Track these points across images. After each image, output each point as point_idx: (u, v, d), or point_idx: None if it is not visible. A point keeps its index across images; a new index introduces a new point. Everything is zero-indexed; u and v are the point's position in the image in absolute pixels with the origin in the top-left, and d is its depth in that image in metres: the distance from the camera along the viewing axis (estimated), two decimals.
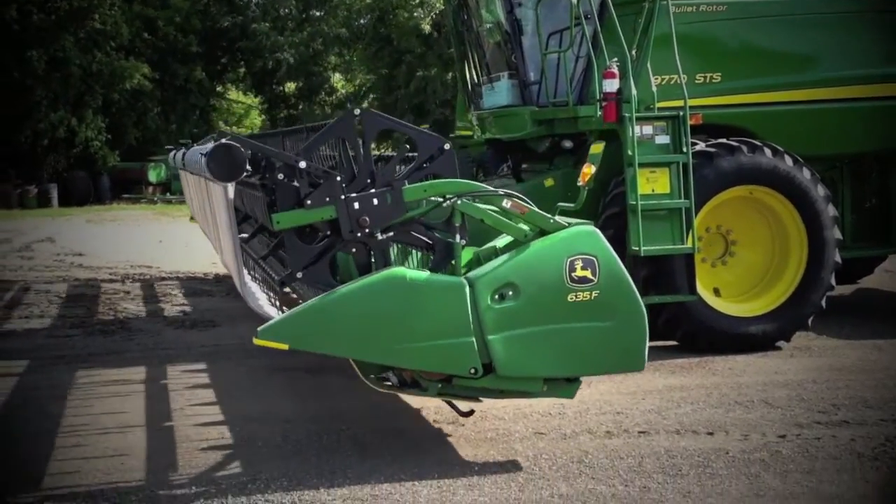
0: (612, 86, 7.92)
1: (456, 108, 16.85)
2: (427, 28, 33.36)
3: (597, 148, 7.70)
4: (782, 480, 4.94)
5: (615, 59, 7.99)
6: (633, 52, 8.05)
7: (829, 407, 6.31)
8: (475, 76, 10.24)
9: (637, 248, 7.67)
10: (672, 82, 8.04)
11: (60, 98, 31.53)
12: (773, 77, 8.63)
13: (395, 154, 6.04)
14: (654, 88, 7.95)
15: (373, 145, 5.56)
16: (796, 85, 8.66)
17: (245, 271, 5.43)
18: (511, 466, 5.17)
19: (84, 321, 9.90)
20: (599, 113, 8.06)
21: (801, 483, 4.90)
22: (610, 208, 8.14)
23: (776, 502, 4.64)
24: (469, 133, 11.90)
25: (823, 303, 8.26)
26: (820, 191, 8.19)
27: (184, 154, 7.95)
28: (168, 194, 31.46)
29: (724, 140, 8.17)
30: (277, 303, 5.72)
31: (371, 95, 39.82)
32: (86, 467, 5.29)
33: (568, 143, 9.02)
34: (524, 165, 9.79)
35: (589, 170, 5.54)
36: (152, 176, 32.60)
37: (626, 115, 7.81)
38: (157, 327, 9.57)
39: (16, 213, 28.18)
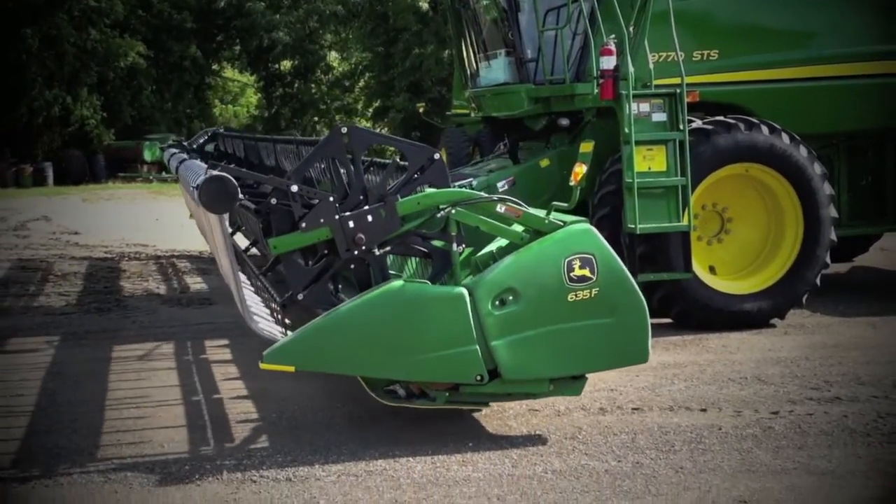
0: (609, 63, 7.92)
1: (453, 86, 16.87)
2: (424, 5, 33.26)
3: (586, 147, 7.71)
4: (774, 456, 4.98)
5: (612, 35, 7.98)
6: (631, 29, 8.02)
7: (821, 383, 6.35)
8: (472, 53, 10.21)
9: (633, 226, 7.69)
10: (669, 59, 8.03)
11: (55, 76, 31.42)
12: (770, 54, 8.62)
13: (386, 161, 6.05)
14: (651, 66, 7.94)
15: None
16: (793, 62, 8.66)
17: (247, 293, 5.43)
18: (505, 442, 5.21)
19: (80, 299, 9.92)
20: (596, 90, 8.05)
21: (792, 458, 4.93)
22: (606, 186, 8.15)
23: (768, 477, 4.68)
24: (466, 111, 11.89)
25: (818, 280, 8.28)
26: (816, 169, 8.20)
27: (178, 165, 7.91)
28: (164, 173, 31.37)
29: (720, 117, 8.17)
30: (280, 317, 5.74)
31: (367, 74, 39.74)
32: (85, 443, 5.33)
33: (564, 121, 9.01)
34: (521, 144, 9.78)
35: (580, 169, 5.56)
36: (148, 154, 32.56)
37: (623, 92, 7.80)
38: (152, 305, 9.59)
39: (11, 191, 28.14)
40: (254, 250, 8.70)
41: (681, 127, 7.83)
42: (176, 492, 4.59)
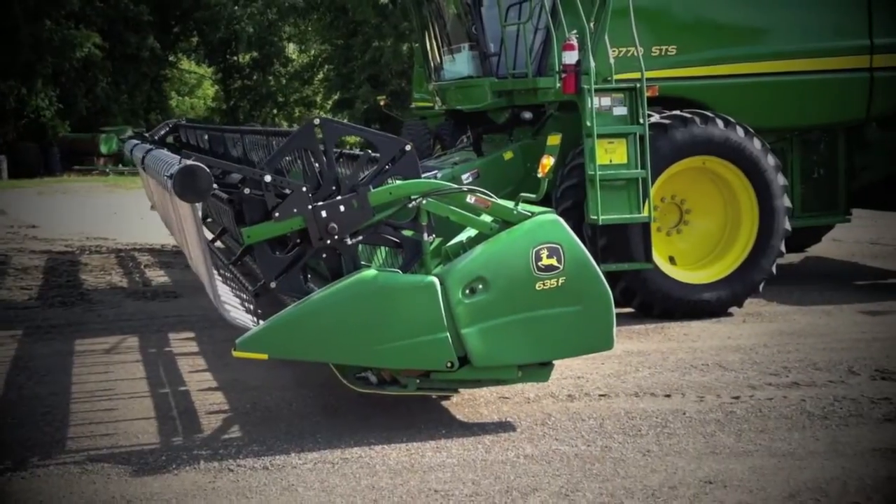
0: (571, 58, 8.05)
1: (413, 79, 16.94)
2: None
3: (554, 139, 7.84)
4: (737, 438, 5.14)
5: (574, 31, 8.10)
6: (592, 25, 8.16)
7: (780, 369, 6.54)
8: (436, 47, 10.30)
9: (595, 217, 7.83)
10: (629, 55, 8.18)
11: (9, 67, 30.98)
12: (727, 50, 8.79)
13: (354, 152, 6.12)
14: (612, 60, 8.08)
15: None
16: (750, 58, 8.83)
17: (218, 283, 5.48)
18: (477, 429, 5.32)
19: (43, 293, 9.87)
20: (558, 84, 8.18)
21: (754, 441, 5.10)
22: (568, 180, 8.29)
23: (731, 459, 4.83)
24: (427, 104, 11.98)
25: (774, 269, 8.49)
26: (770, 160, 8.40)
27: (143, 156, 7.91)
28: (120, 165, 31.14)
29: (677, 112, 8.33)
30: (252, 307, 5.80)
31: (327, 66, 39.67)
32: (58, 435, 5.36)
33: (527, 115, 9.14)
34: (484, 137, 9.89)
35: (548, 161, 5.68)
36: (104, 147, 32.24)
37: (585, 86, 7.94)
38: (117, 299, 9.57)
39: None
40: (218, 242, 8.72)
41: (641, 121, 7.98)
42: (154, 481, 4.64)
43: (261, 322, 5.13)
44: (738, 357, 6.89)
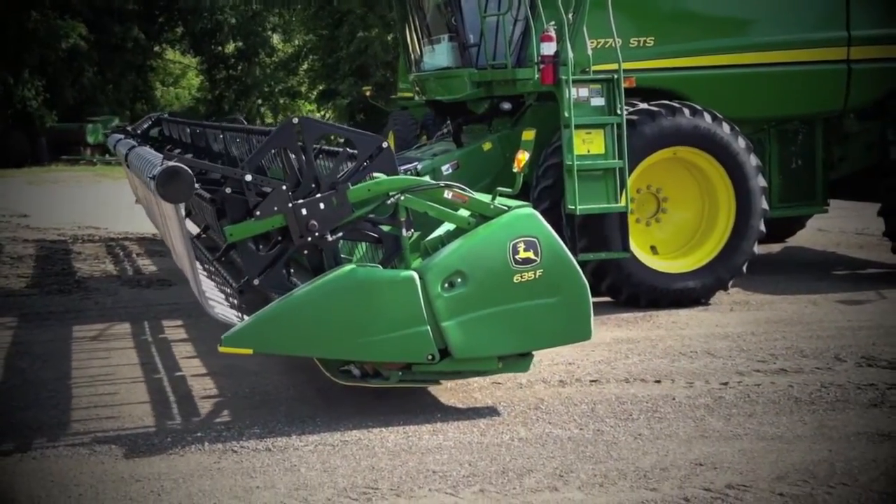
0: (549, 49, 8.14)
1: (399, 70, 17.00)
2: None
3: (528, 135, 7.93)
4: (726, 423, 5.30)
5: (552, 22, 8.20)
6: (570, 16, 8.25)
7: (767, 356, 6.70)
8: (416, 38, 10.35)
9: (573, 207, 7.94)
10: (608, 46, 8.26)
11: None
12: (704, 41, 8.89)
13: (333, 148, 6.22)
14: (590, 52, 8.18)
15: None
16: (728, 49, 8.93)
17: (203, 279, 5.58)
18: (472, 413, 5.46)
19: (39, 281, 9.96)
20: (537, 75, 8.27)
21: (743, 425, 5.25)
22: (543, 181, 8.40)
23: (721, 442, 4.99)
24: (412, 95, 12.05)
25: (755, 249, 8.62)
26: (741, 142, 8.51)
27: (127, 152, 7.99)
28: (107, 155, 31.04)
29: (644, 106, 8.42)
30: (237, 302, 5.91)
31: (312, 56, 39.63)
32: (65, 418, 5.47)
33: (506, 105, 9.20)
34: (464, 127, 9.95)
35: (523, 157, 5.77)
36: (90, 137, 32.14)
37: (563, 77, 8.02)
38: (112, 287, 9.66)
39: None
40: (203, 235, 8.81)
41: (618, 111, 8.08)
42: (160, 462, 4.76)
43: (245, 317, 5.23)
44: (725, 344, 7.05)
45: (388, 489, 4.42)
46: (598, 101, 8.14)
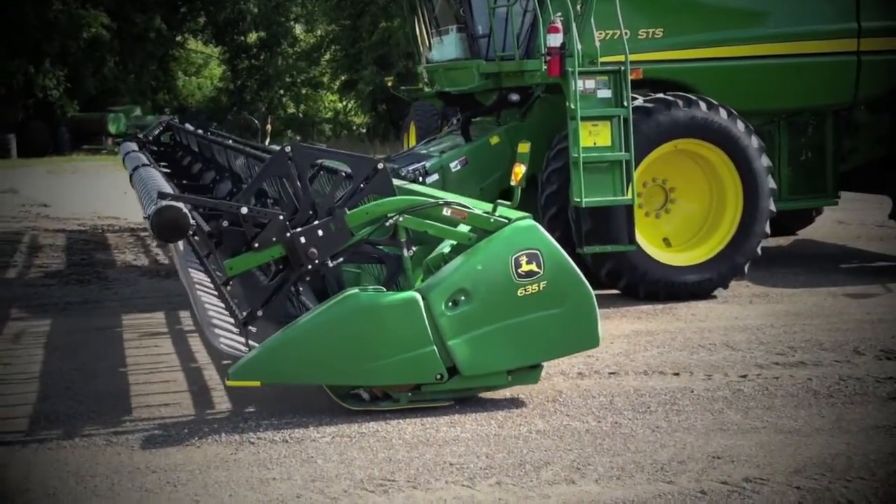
0: (555, 40, 8.06)
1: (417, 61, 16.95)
2: None
3: (524, 147, 7.90)
4: (744, 415, 5.27)
5: (559, 13, 8.14)
6: (578, 7, 8.19)
7: (786, 349, 6.65)
8: (424, 29, 10.31)
9: (579, 200, 7.90)
10: (616, 37, 8.17)
11: (17, 47, 31.06)
12: (714, 32, 8.81)
13: (334, 167, 6.20)
14: (598, 43, 8.10)
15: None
16: (738, 41, 8.85)
17: (208, 308, 5.55)
18: (490, 405, 5.44)
19: (60, 271, 10.02)
20: (544, 67, 8.21)
21: (761, 418, 5.22)
22: (554, 163, 8.37)
23: (739, 435, 4.96)
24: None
25: (759, 250, 8.54)
26: (753, 141, 8.43)
27: (132, 173, 8.03)
28: None
29: (660, 95, 8.33)
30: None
31: (334, 47, 39.65)
32: (83, 408, 5.50)
33: (515, 97, 9.15)
34: (473, 121, 9.88)
35: (519, 170, 5.72)
36: (112, 127, 32.34)
37: (569, 69, 7.96)
38: (132, 277, 9.72)
39: None
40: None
41: (625, 104, 8.01)
42: (177, 452, 4.78)
43: (252, 345, 5.19)
44: (745, 337, 7.01)
45: (404, 481, 4.42)
46: (605, 93, 8.08)
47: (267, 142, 11.24)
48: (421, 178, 8.52)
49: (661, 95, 8.35)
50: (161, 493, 4.31)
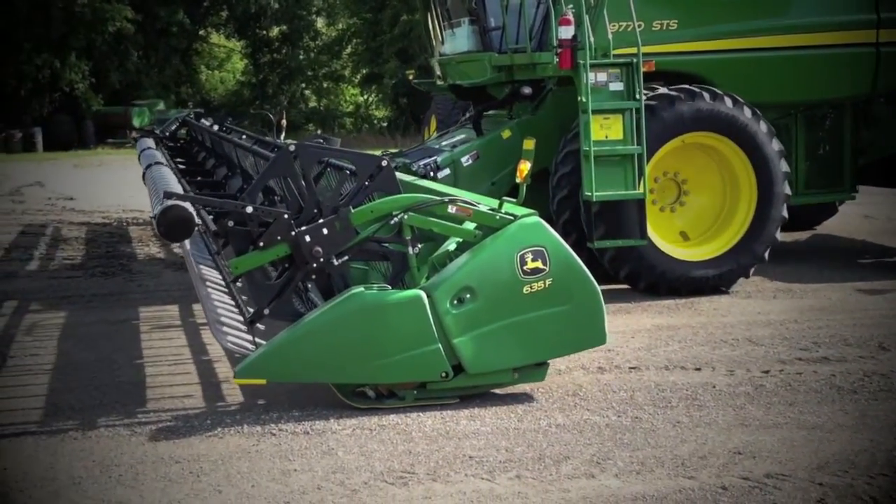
0: (567, 32, 7.98)
1: None
2: None
3: (529, 144, 7.87)
4: (766, 411, 5.24)
5: (570, 5, 8.07)
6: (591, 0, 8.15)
7: (810, 344, 6.61)
8: (437, 22, 10.26)
9: (590, 194, 7.84)
10: (629, 29, 8.09)
11: (43, 41, 31.29)
12: (730, 24, 8.70)
13: (340, 163, 6.19)
14: (610, 35, 8.04)
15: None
16: (754, 32, 8.74)
17: (217, 306, 5.57)
18: (509, 399, 5.45)
19: (84, 263, 10.10)
20: (556, 60, 8.16)
21: (783, 414, 5.20)
22: (563, 167, 8.31)
23: (761, 431, 4.94)
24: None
25: (778, 236, 8.46)
26: (762, 127, 8.34)
27: (145, 171, 8.07)
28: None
29: (663, 90, 8.27)
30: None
31: (355, 40, 39.69)
32: (107, 399, 5.55)
33: (527, 90, 9.08)
34: (484, 114, 9.82)
35: (525, 167, 5.70)
36: (136, 120, 32.48)
37: (581, 62, 7.90)
38: (156, 269, 9.78)
39: (1, 157, 28.11)
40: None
41: (637, 96, 7.95)
42: (200, 443, 4.82)
43: (259, 343, 5.21)
44: (767, 332, 6.97)
45: (424, 474, 4.43)
46: (617, 86, 8.01)
47: (282, 137, 11.23)
48: (432, 174, 8.50)
49: (663, 91, 8.27)
50: (184, 483, 4.35)
